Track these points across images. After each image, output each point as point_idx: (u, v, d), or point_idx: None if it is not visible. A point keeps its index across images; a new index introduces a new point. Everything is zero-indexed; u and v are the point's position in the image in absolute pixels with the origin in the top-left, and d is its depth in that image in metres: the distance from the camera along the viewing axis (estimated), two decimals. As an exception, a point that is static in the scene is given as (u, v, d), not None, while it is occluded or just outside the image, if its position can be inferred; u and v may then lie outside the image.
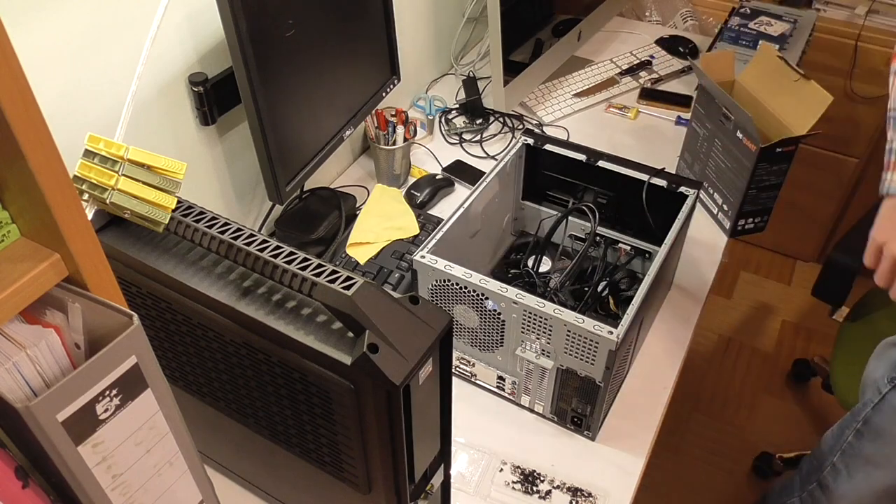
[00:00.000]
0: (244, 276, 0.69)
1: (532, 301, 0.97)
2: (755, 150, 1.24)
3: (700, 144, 1.43)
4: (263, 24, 1.04)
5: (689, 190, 1.15)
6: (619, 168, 1.20)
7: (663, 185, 1.17)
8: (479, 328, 1.06)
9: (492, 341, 1.07)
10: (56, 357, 0.52)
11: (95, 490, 0.55)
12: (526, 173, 1.30)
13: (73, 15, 0.90)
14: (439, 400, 0.70)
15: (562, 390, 1.05)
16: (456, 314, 1.07)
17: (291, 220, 1.38)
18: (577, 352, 0.98)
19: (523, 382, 1.09)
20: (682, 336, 1.24)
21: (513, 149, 1.25)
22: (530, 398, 1.11)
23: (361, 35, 1.33)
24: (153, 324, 0.77)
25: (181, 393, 0.85)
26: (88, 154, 0.66)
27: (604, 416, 1.10)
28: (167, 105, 1.09)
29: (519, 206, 1.35)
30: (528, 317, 0.99)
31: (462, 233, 1.15)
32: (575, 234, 1.31)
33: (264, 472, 0.92)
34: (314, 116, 1.25)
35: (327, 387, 0.65)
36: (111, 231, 0.73)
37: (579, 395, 1.04)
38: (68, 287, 0.53)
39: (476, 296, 1.02)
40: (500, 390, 1.14)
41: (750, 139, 1.26)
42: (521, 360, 1.05)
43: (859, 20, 2.10)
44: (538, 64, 1.72)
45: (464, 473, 1.04)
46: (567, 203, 1.30)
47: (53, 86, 0.91)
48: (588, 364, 0.98)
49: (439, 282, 1.04)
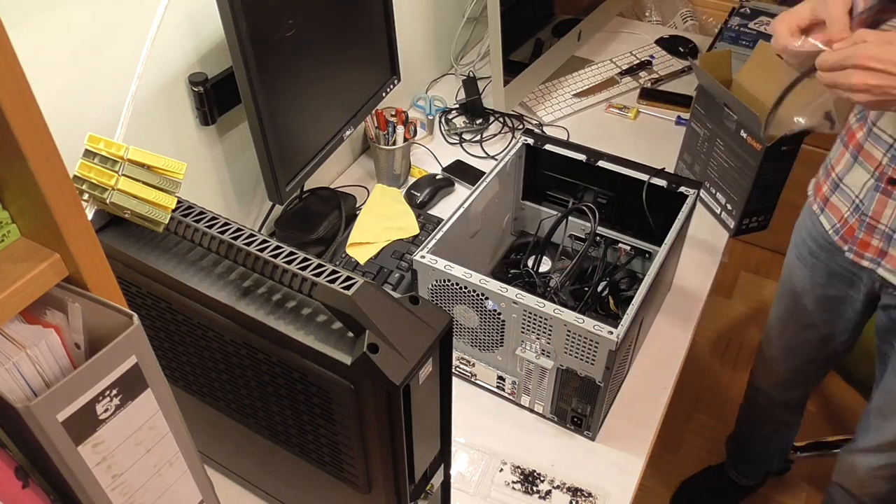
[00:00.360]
0: (244, 276, 0.69)
1: (532, 301, 0.97)
2: (760, 150, 1.25)
3: (700, 144, 1.43)
4: (263, 24, 1.04)
5: (689, 190, 1.15)
6: (618, 168, 1.19)
7: (663, 185, 1.17)
8: (480, 328, 1.06)
9: (492, 341, 1.07)
10: (56, 357, 0.52)
11: (95, 490, 0.55)
12: (526, 173, 1.30)
13: (73, 15, 0.90)
14: (439, 400, 0.70)
15: (562, 390, 1.05)
16: (456, 314, 1.07)
17: (291, 220, 1.38)
18: (577, 352, 0.98)
19: (523, 382, 1.09)
20: (682, 336, 1.24)
21: (513, 149, 1.25)
22: (530, 398, 1.11)
23: (361, 35, 1.33)
24: (153, 324, 0.77)
25: (181, 393, 0.85)
26: (88, 154, 0.66)
27: (604, 416, 1.10)
28: (167, 105, 1.09)
29: (519, 206, 1.35)
30: (528, 317, 0.99)
31: (462, 233, 1.15)
32: (575, 234, 1.31)
33: (264, 472, 0.92)
34: (314, 116, 1.25)
35: (327, 387, 0.65)
36: (111, 231, 0.73)
37: (579, 395, 1.04)
38: (68, 287, 0.53)
39: (476, 296, 1.02)
40: (500, 390, 1.14)
41: (755, 138, 1.26)
42: (521, 360, 1.05)
43: (859, 20, 2.10)
44: (538, 64, 1.72)
45: (464, 473, 1.04)
46: (567, 203, 1.30)
47: (53, 86, 0.91)
48: (588, 364, 0.98)
49: (439, 282, 1.04)
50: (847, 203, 1.12)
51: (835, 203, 1.15)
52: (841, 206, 1.13)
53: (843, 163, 1.12)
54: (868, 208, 1.07)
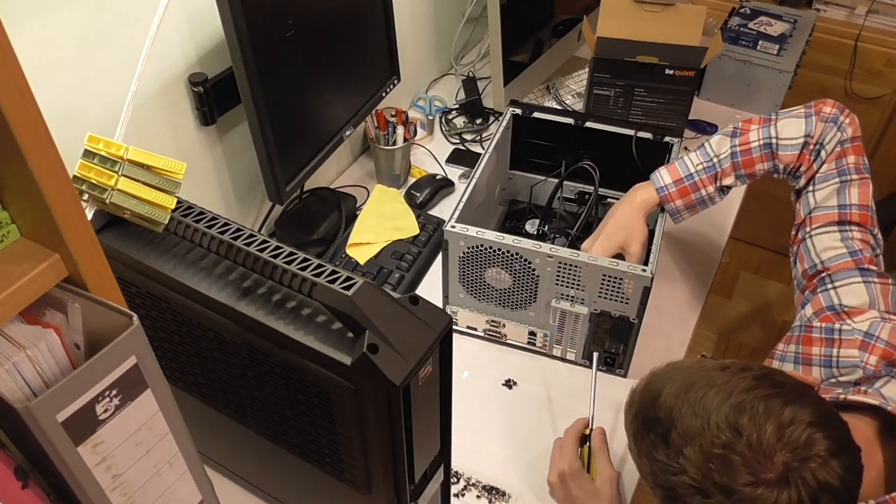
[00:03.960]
0: (244, 277, 0.69)
1: (567, 253, 1.04)
2: (693, 76, 1.47)
3: (613, 103, 1.56)
4: (263, 24, 1.04)
5: (673, 139, 1.23)
6: (606, 127, 1.26)
7: (649, 137, 1.24)
8: (513, 287, 1.12)
9: (524, 299, 1.13)
10: (56, 357, 0.52)
11: (95, 490, 0.55)
12: (512, 143, 1.35)
13: (73, 15, 0.90)
14: (439, 400, 0.70)
15: (595, 334, 1.13)
16: (487, 278, 1.13)
17: (291, 221, 1.38)
18: (611, 294, 1.06)
19: (555, 334, 1.16)
20: (683, 336, 1.24)
21: (503, 121, 1.29)
22: (562, 347, 1.17)
23: (361, 35, 1.33)
24: (153, 324, 0.77)
25: (181, 393, 0.85)
26: (88, 154, 0.66)
27: (631, 354, 1.16)
28: (167, 105, 1.09)
29: (507, 175, 1.40)
30: (563, 268, 1.06)
31: (471, 203, 1.18)
32: (566, 196, 1.37)
33: (264, 472, 0.92)
34: (314, 116, 1.25)
35: (327, 387, 0.65)
36: (111, 231, 0.73)
37: (612, 336, 1.12)
38: (68, 287, 0.53)
39: (511, 256, 1.07)
40: (532, 346, 1.20)
41: (684, 69, 1.47)
42: (554, 312, 1.12)
43: (859, 20, 2.10)
44: (538, 64, 1.72)
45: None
46: (553, 169, 1.35)
47: (53, 86, 0.91)
48: (622, 304, 1.07)
49: (471, 248, 1.09)
50: None
51: None
52: None
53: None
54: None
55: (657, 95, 1.52)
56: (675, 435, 0.69)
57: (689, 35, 1.45)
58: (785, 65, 1.70)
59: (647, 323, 1.19)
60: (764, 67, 1.71)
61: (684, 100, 1.50)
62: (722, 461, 0.65)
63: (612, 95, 1.54)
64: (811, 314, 0.97)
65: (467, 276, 1.14)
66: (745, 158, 1.09)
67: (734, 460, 0.65)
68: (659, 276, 1.18)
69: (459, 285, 1.16)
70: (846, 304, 0.94)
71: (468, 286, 1.16)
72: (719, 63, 1.72)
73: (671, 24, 1.45)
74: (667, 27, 1.45)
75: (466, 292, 1.17)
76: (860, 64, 2.12)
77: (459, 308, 1.20)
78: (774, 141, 1.08)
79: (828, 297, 0.96)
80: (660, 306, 1.28)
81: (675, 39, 1.45)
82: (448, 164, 1.59)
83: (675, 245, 1.40)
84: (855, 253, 0.97)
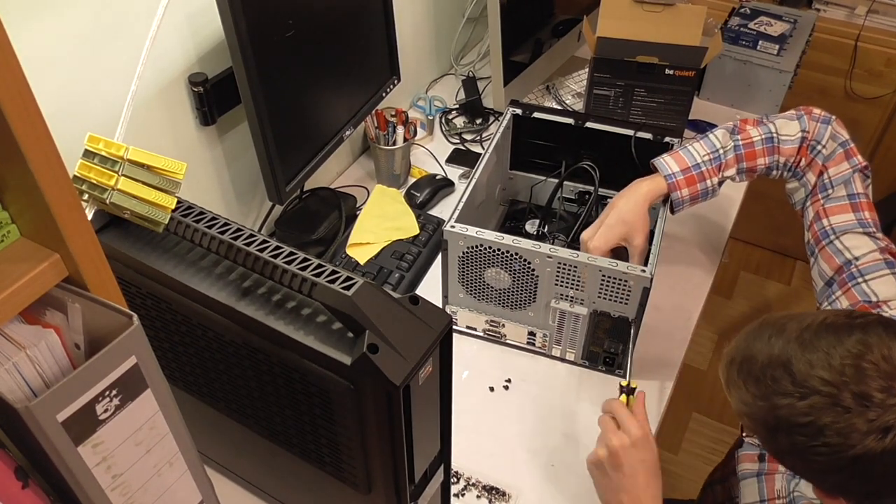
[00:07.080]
0: (244, 277, 0.69)
1: (566, 253, 1.04)
2: (693, 76, 1.46)
3: (613, 103, 1.55)
4: (263, 24, 1.04)
5: (673, 139, 1.23)
6: (605, 127, 1.26)
7: (649, 138, 1.24)
8: (513, 287, 1.12)
9: (524, 299, 1.13)
10: (56, 357, 0.52)
11: (95, 490, 0.55)
12: (512, 144, 1.35)
13: (73, 15, 0.90)
14: (439, 400, 0.70)
15: (594, 335, 1.13)
16: (487, 278, 1.13)
17: (291, 221, 1.38)
18: (611, 294, 1.06)
19: (554, 335, 1.16)
20: (683, 336, 1.24)
21: (503, 121, 1.29)
22: (561, 348, 1.17)
23: (361, 35, 1.33)
24: (153, 324, 0.77)
25: (181, 393, 0.85)
26: (88, 154, 0.66)
27: (632, 354, 1.14)
28: (167, 105, 1.09)
29: (508, 175, 1.40)
30: (562, 268, 1.06)
31: (471, 203, 1.18)
32: (566, 197, 1.38)
33: (264, 472, 0.92)
34: (314, 116, 1.25)
35: (327, 387, 0.65)
36: (111, 231, 0.73)
37: (611, 337, 1.12)
38: (68, 287, 0.53)
39: (510, 256, 1.07)
40: (531, 346, 1.19)
41: (684, 69, 1.46)
42: (553, 312, 1.12)
43: (859, 20, 2.10)
44: (538, 64, 1.72)
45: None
46: (553, 169, 1.35)
47: (53, 86, 0.91)
48: (622, 304, 1.06)
49: (470, 248, 1.10)
50: None
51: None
52: None
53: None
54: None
55: (657, 95, 1.52)
56: (800, 365, 0.72)
57: (689, 35, 1.45)
58: (785, 65, 1.70)
59: (647, 323, 1.19)
60: (764, 67, 1.71)
61: (684, 100, 1.51)
62: (855, 370, 0.69)
63: (612, 95, 1.54)
64: (848, 307, 0.99)
65: (467, 276, 1.14)
66: (748, 151, 1.12)
67: (867, 368, 0.69)
68: (659, 276, 1.18)
69: (459, 285, 1.16)
70: (881, 296, 0.96)
71: (468, 286, 1.16)
72: (719, 63, 1.72)
73: (671, 24, 1.46)
74: (667, 27, 1.46)
75: (466, 292, 1.17)
76: (860, 64, 2.12)
77: (459, 308, 1.20)
78: (776, 136, 1.11)
79: (861, 291, 0.98)
80: (660, 306, 1.28)
81: (675, 39, 1.45)
82: (448, 164, 1.59)
83: (675, 245, 1.41)
84: (882, 249, 1.01)
